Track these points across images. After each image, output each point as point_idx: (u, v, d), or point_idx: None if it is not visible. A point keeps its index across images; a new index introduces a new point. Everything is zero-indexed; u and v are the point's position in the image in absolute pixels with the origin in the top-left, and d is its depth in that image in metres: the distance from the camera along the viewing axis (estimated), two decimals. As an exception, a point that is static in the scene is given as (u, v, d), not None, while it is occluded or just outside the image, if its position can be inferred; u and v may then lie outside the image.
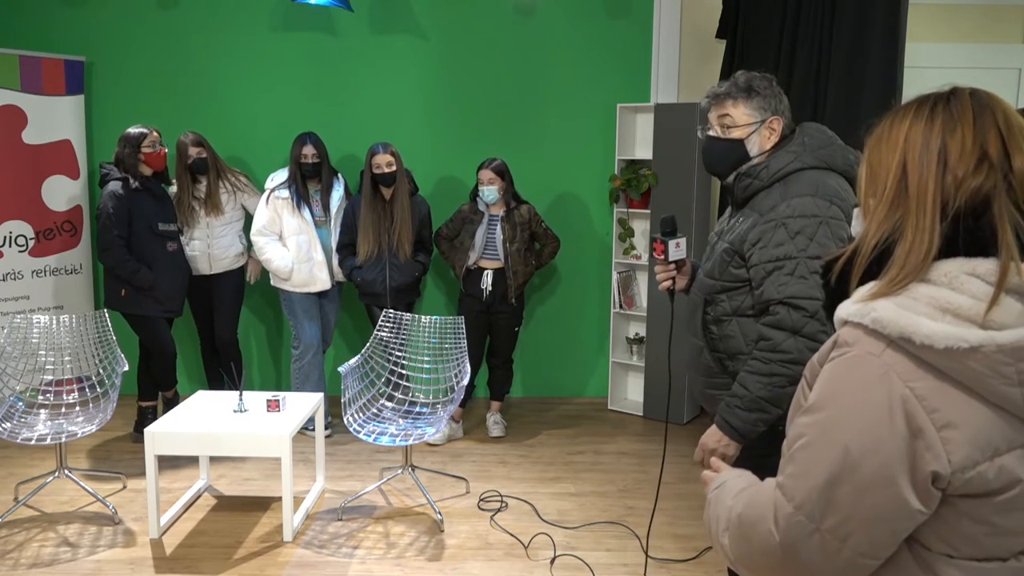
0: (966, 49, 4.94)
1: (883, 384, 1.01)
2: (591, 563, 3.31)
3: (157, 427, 3.47)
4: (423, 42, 5.19)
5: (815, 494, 1.04)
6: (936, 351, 0.99)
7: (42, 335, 3.99)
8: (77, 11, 5.11)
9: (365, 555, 3.39)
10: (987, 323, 0.99)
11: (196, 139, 4.57)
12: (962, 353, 0.98)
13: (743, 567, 1.17)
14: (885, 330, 1.02)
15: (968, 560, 1.06)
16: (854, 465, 1.02)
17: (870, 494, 1.01)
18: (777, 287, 2.00)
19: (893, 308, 1.02)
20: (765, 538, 1.10)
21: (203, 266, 4.64)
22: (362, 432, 3.71)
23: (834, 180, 2.06)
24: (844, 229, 1.98)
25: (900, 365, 1.01)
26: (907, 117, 1.10)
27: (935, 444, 1.00)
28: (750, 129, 2.15)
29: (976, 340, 0.97)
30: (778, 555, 1.08)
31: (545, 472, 4.27)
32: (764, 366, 2.01)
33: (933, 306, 1.01)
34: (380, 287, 4.56)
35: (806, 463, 1.06)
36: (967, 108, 1.06)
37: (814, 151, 2.08)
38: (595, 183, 5.30)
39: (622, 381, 5.43)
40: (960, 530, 1.04)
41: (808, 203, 2.00)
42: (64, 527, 3.59)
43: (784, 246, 1.99)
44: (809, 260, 1.96)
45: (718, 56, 4.94)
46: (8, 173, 4.74)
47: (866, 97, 3.88)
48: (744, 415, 2.05)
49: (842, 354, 1.06)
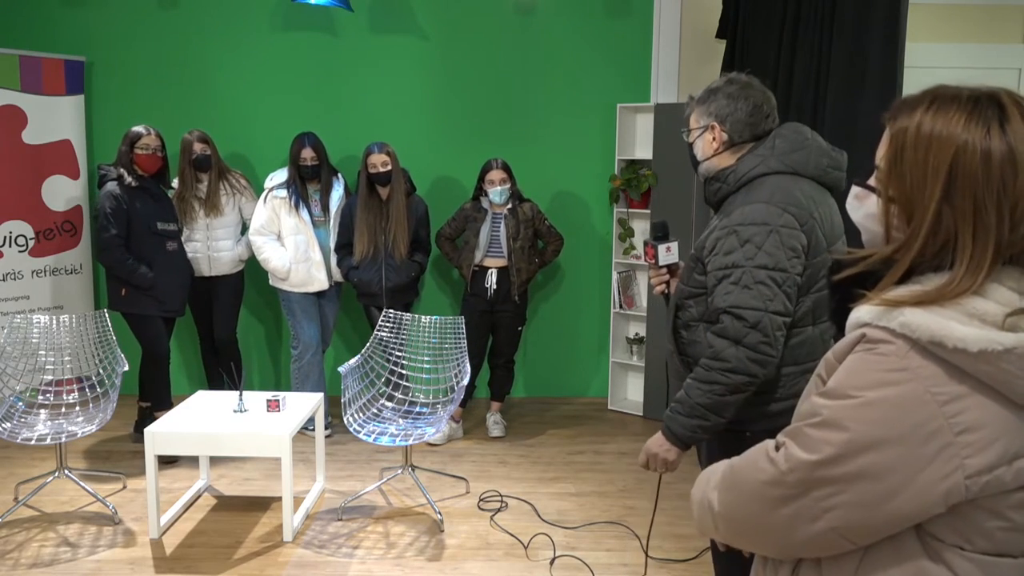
0: (966, 49, 4.94)
1: (904, 386, 1.02)
2: (591, 563, 3.31)
3: (157, 427, 3.47)
4: (423, 42, 5.19)
5: (812, 467, 1.06)
6: (970, 354, 0.99)
7: (42, 335, 3.99)
8: (77, 11, 5.11)
9: (365, 555, 3.39)
10: (1012, 326, 1.00)
11: (201, 136, 4.58)
12: (996, 356, 0.99)
13: (726, 524, 1.19)
14: (914, 334, 1.02)
15: (981, 554, 1.06)
16: (858, 452, 1.03)
17: (864, 483, 1.03)
18: (723, 296, 1.98)
19: (922, 313, 1.03)
20: (754, 487, 1.13)
21: (203, 267, 4.64)
22: (362, 432, 3.71)
23: (800, 186, 2.03)
24: (796, 238, 1.95)
25: (924, 369, 1.02)
26: (952, 119, 1.06)
27: (949, 449, 1.01)
28: (695, 134, 2.18)
29: (1010, 343, 0.99)
30: (760, 506, 1.12)
31: (545, 472, 4.27)
32: (705, 373, 2.00)
33: (961, 312, 1.02)
34: (376, 287, 4.56)
35: (813, 439, 1.08)
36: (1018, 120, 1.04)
37: (783, 155, 2.05)
38: (595, 183, 5.30)
39: (622, 381, 5.43)
40: (975, 523, 1.04)
41: (760, 210, 1.97)
42: (64, 527, 3.59)
43: (732, 254, 1.98)
44: (755, 269, 1.94)
45: (718, 56, 4.94)
46: (8, 173, 4.74)
47: (866, 97, 3.88)
48: (685, 421, 2.04)
49: (867, 349, 1.07)
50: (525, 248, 4.60)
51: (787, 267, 1.94)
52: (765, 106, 2.13)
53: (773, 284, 1.94)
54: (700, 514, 1.26)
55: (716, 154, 2.15)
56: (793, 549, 1.13)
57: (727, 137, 2.12)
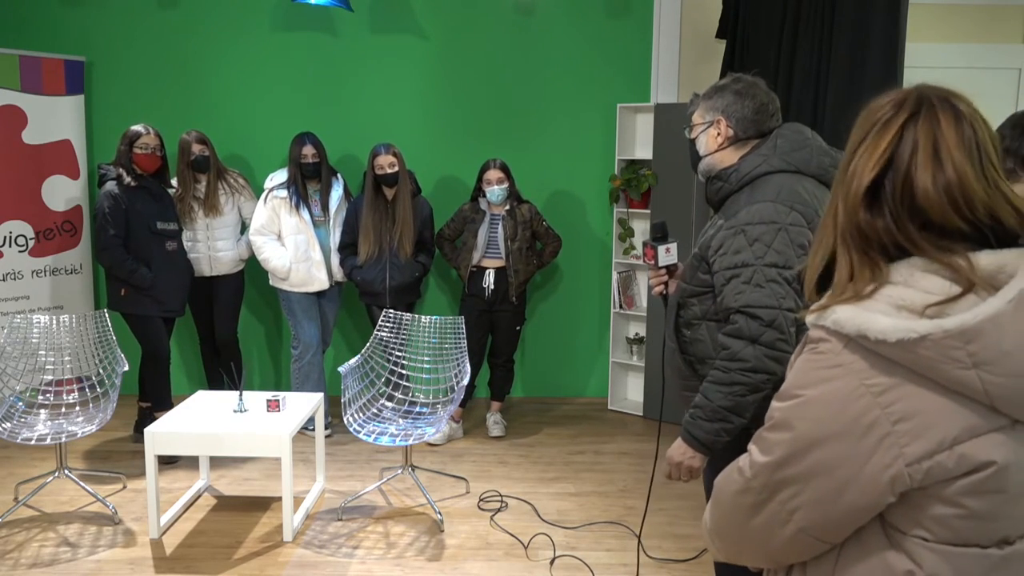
0: (966, 49, 4.94)
1: (840, 380, 1.06)
2: (591, 563, 3.31)
3: (157, 427, 3.47)
4: (423, 42, 5.19)
5: (771, 468, 1.12)
6: (890, 344, 1.02)
7: (42, 335, 3.99)
8: (77, 11, 5.11)
9: (365, 555, 3.39)
10: (932, 315, 1.02)
11: (199, 137, 4.57)
12: (913, 343, 1.01)
13: (719, 539, 1.24)
14: (844, 329, 1.06)
15: (945, 544, 1.07)
16: (805, 450, 1.08)
17: (817, 479, 1.08)
18: (735, 295, 1.99)
19: (851, 308, 1.06)
20: (730, 499, 1.19)
21: (204, 267, 4.63)
22: (362, 432, 3.71)
23: (804, 184, 2.04)
24: (805, 235, 1.96)
25: (857, 363, 1.06)
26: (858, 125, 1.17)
27: (888, 438, 1.03)
28: (699, 130, 2.19)
29: (924, 329, 1.01)
30: (738, 516, 1.17)
31: (545, 472, 4.27)
32: (724, 375, 2.00)
33: (890, 304, 1.05)
34: (380, 287, 4.56)
35: (768, 442, 1.13)
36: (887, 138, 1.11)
37: (785, 154, 2.07)
38: (595, 183, 5.30)
39: (622, 381, 5.43)
40: (930, 512, 1.06)
41: (768, 209, 1.98)
42: (64, 527, 3.59)
43: (742, 253, 1.98)
44: (766, 268, 1.95)
45: (718, 56, 4.94)
46: (8, 173, 4.74)
47: (866, 97, 3.82)
48: (707, 426, 2.03)
49: (809, 349, 1.12)
50: (523, 249, 4.60)
51: (796, 265, 1.95)
52: (771, 106, 2.15)
53: (784, 282, 1.95)
54: (704, 536, 1.30)
55: (720, 149, 2.15)
56: (777, 555, 1.17)
57: (732, 132, 2.13)
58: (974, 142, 1.06)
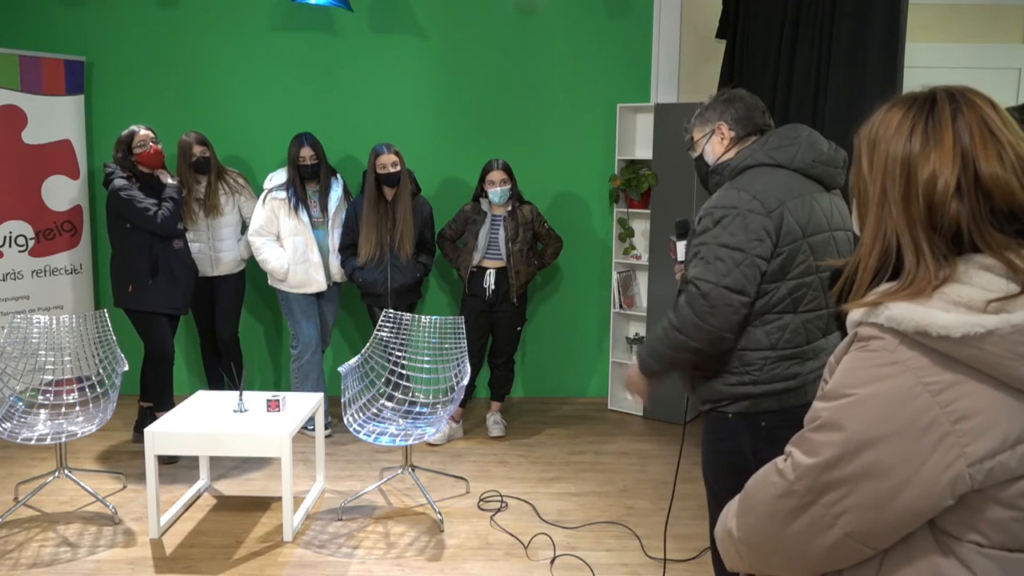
0: (966, 49, 4.94)
1: (895, 378, 1.03)
2: (591, 563, 3.31)
3: (157, 427, 3.47)
4: (423, 42, 5.19)
5: (817, 470, 1.07)
6: (954, 340, 1.00)
7: (42, 335, 3.99)
8: (77, 11, 5.11)
9: (365, 555, 3.39)
10: (994, 310, 1.00)
11: (200, 138, 4.57)
12: (979, 338, 0.99)
13: (747, 549, 1.19)
14: (900, 327, 1.03)
15: (1000, 550, 1.04)
16: (857, 451, 1.04)
17: (869, 482, 1.03)
18: (692, 269, 2.20)
19: (906, 305, 1.03)
20: (767, 503, 1.13)
21: (206, 267, 4.64)
22: (362, 432, 3.71)
23: (779, 176, 2.19)
24: (760, 223, 2.11)
25: (914, 361, 1.02)
26: (892, 123, 1.11)
27: (948, 438, 1.00)
28: (703, 142, 2.38)
29: (992, 324, 0.99)
30: (775, 522, 1.12)
31: (545, 472, 4.27)
32: (663, 326, 2.27)
33: (946, 300, 1.02)
34: (381, 288, 4.56)
35: (814, 443, 1.08)
36: (946, 126, 1.07)
37: (771, 150, 2.23)
38: (595, 183, 5.30)
39: (622, 381, 5.43)
40: (987, 515, 1.03)
41: (731, 195, 2.16)
42: (64, 527, 3.59)
43: (705, 234, 2.18)
44: (717, 247, 2.13)
45: (718, 56, 4.94)
46: (8, 173, 4.74)
47: (866, 97, 3.87)
48: (644, 355, 2.36)
49: (860, 347, 1.08)
50: (524, 250, 4.60)
51: (747, 248, 2.10)
52: (758, 104, 2.36)
53: (730, 261, 2.11)
54: (724, 547, 1.25)
55: (727, 151, 2.33)
56: (815, 564, 1.12)
57: (733, 132, 2.32)
58: (1010, 121, 1.07)
